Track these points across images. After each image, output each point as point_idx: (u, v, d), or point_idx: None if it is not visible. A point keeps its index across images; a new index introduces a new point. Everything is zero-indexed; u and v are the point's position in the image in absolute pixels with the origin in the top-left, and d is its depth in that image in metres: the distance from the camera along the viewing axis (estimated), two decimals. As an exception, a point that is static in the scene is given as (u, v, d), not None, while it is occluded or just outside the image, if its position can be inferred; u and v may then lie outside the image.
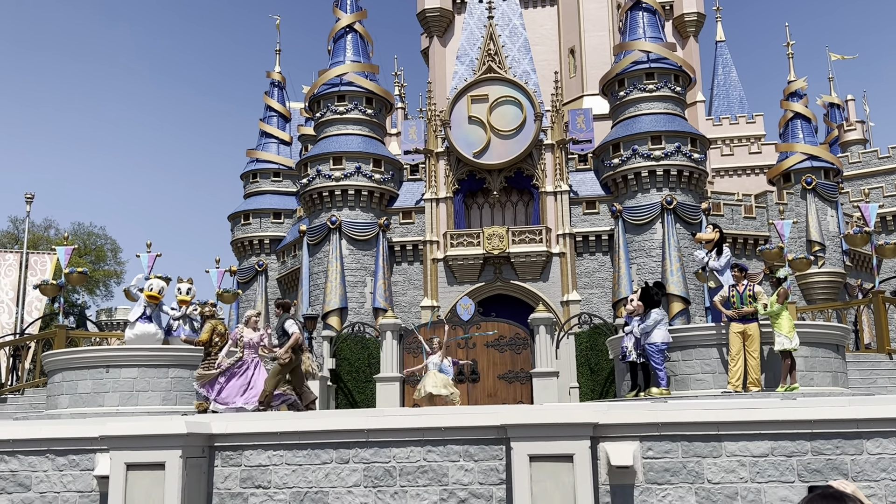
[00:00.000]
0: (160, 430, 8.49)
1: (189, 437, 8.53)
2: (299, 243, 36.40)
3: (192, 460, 8.58)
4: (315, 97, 36.21)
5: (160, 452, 8.37)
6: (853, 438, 8.39)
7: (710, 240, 14.59)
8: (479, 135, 34.21)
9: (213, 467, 9.01)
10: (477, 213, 35.52)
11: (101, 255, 52.10)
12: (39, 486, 9.21)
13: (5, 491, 9.26)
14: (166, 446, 8.40)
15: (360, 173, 34.41)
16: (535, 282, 33.43)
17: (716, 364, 13.47)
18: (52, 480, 9.20)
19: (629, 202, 33.31)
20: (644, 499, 8.49)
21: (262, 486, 8.91)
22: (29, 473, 9.25)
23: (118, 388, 13.80)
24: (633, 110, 34.03)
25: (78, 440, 9.22)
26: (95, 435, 8.94)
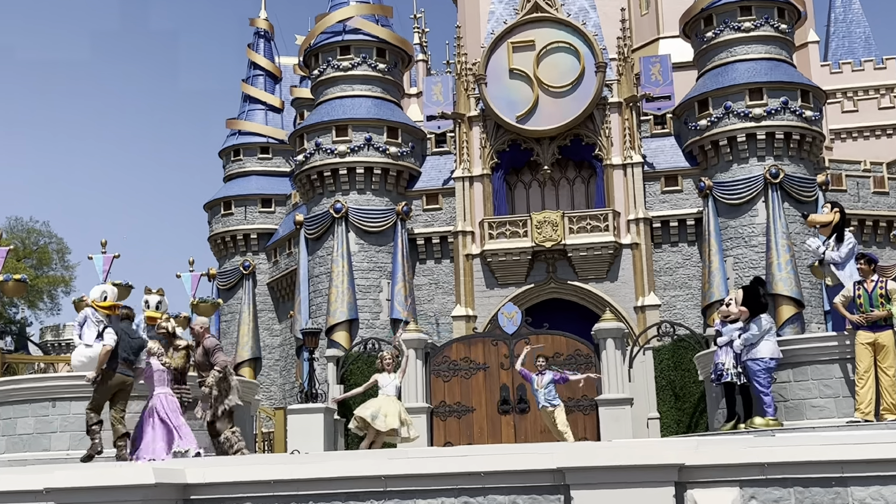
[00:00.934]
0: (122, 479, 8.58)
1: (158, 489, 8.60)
2: (295, 238, 36.59)
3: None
4: (311, 50, 36.34)
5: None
6: None
7: (827, 223, 14.35)
8: (523, 92, 34.12)
9: (190, 526, 9.09)
10: (523, 194, 35.44)
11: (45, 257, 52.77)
12: (-29, 552, 9.35)
13: (-72, 559, 9.42)
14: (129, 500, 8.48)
15: (370, 146, 34.50)
16: (600, 282, 33.29)
17: (839, 386, 13.29)
18: (-13, 545, 9.34)
19: (722, 176, 33.04)
20: (746, 562, 8.42)
21: (251, 550, 8.98)
22: (-43, 537, 9.40)
23: (68, 426, 13.88)
24: (725, 56, 33.73)
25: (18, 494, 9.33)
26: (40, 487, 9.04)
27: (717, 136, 33.02)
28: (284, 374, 38.10)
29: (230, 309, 39.74)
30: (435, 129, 36.09)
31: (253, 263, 40.10)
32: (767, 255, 31.70)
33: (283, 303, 39.28)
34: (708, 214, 32.89)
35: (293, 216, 36.99)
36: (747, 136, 32.67)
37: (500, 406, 22.90)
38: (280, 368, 38.74)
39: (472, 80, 35.07)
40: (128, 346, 12.23)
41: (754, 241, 32.28)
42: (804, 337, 14.34)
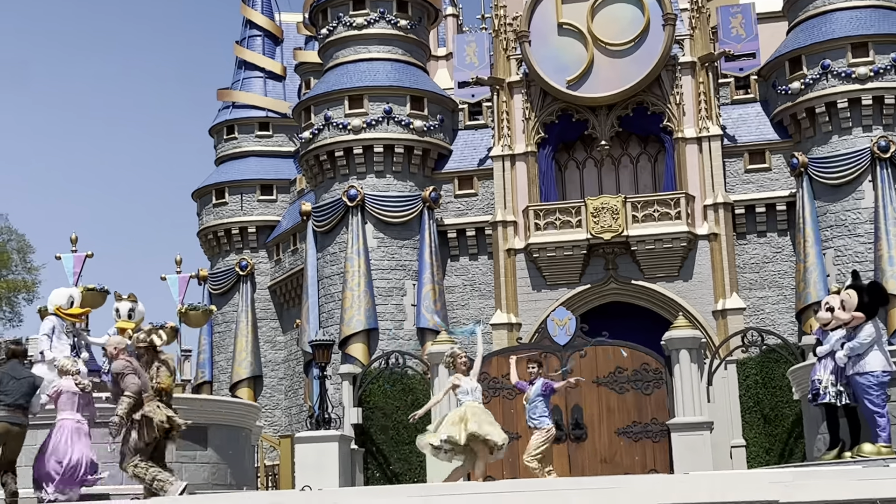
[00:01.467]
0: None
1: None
2: (301, 231, 36.74)
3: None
4: (319, 4, 36.49)
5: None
6: None
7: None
8: (576, 52, 34.06)
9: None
10: (576, 176, 35.41)
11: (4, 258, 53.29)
12: None
13: None
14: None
15: (391, 119, 34.57)
16: (672, 281, 33.19)
17: (968, 404, 13.20)
18: None
19: (819, 150, 32.85)
20: None
21: None
22: None
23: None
24: (822, 3, 33.51)
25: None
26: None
27: (814, 102, 32.80)
28: (290, 395, 38.28)
29: (224, 318, 39.97)
30: (468, 97, 36.09)
31: (251, 263, 40.31)
32: (876, 245, 31.43)
33: (287, 309, 39.45)
34: (802, 198, 32.65)
35: (298, 205, 37.12)
36: (850, 102, 32.43)
37: (549, 431, 22.88)
38: (285, 388, 38.92)
39: (512, 38, 35.02)
40: (13, 390, 12.14)
41: (860, 230, 32.03)
42: (924, 346, 14.21)
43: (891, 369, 13.22)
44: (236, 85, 42.96)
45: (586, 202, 33.47)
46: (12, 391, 12.07)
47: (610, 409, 22.88)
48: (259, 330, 39.63)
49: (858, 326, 13.30)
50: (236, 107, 42.53)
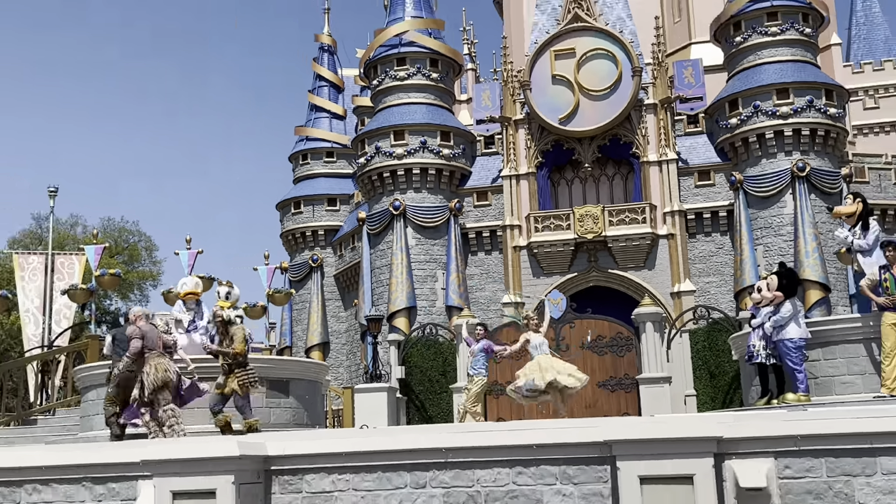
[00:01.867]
0: (210, 452, 8.70)
1: (243, 461, 8.71)
2: (358, 233, 36.80)
3: (246, 486, 8.77)
4: (371, 62, 36.50)
5: (210, 478, 8.56)
6: None
7: (852, 213, 14.15)
8: (565, 97, 33.99)
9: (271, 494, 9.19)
10: (566, 190, 35.32)
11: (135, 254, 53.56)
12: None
13: (39, 524, 9.64)
14: (217, 471, 8.59)
15: (425, 149, 34.59)
16: (639, 270, 33.08)
17: (865, 363, 13.07)
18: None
19: (751, 170, 32.62)
20: (782, 527, 8.32)
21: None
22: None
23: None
24: (754, 59, 33.28)
25: (117, 466, 9.51)
26: (137, 460, 9.20)
27: (747, 134, 32.60)
28: (350, 356, 38.38)
29: (301, 298, 40.08)
30: (484, 132, 36.09)
31: (321, 257, 40.41)
32: (795, 243, 31.26)
33: (348, 292, 39.55)
34: (739, 206, 32.48)
35: (356, 214, 37.19)
36: (775, 133, 32.22)
37: (548, 385, 22.84)
38: (346, 352, 39.03)
39: (517, 86, 34.99)
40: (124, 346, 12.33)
41: (783, 231, 31.84)
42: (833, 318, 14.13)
43: (806, 336, 13.16)
44: (309, 123, 43.11)
45: (573, 210, 33.44)
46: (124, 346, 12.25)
47: (592, 368, 22.80)
48: (326, 307, 39.74)
49: (780, 304, 13.26)
50: (309, 140, 42.68)
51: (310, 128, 42.80)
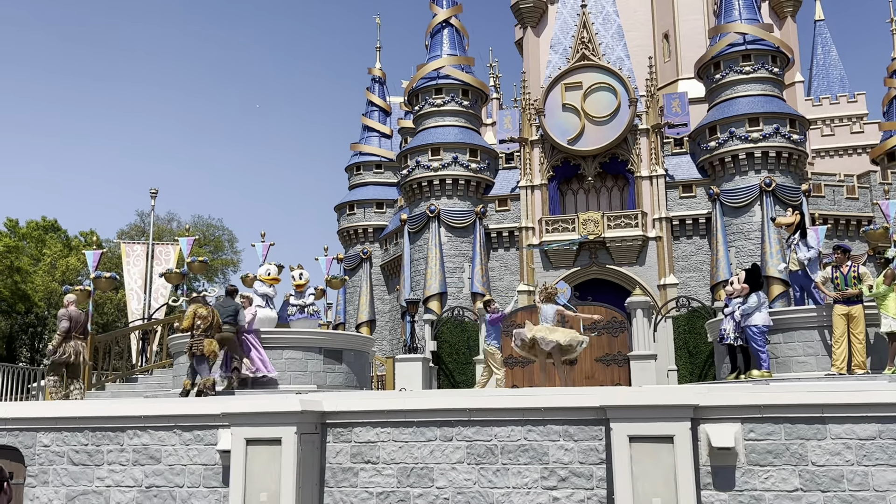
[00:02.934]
0: (277, 407, 8.78)
1: (303, 415, 8.79)
2: (400, 231, 36.85)
3: (306, 436, 8.84)
4: (414, 91, 36.50)
5: (277, 429, 8.66)
6: (968, 423, 7.91)
7: (791, 223, 14.02)
8: (573, 122, 33.81)
9: (326, 443, 9.26)
10: (572, 199, 35.14)
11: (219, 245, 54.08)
12: (168, 458, 9.68)
13: (139, 463, 9.78)
14: (283, 423, 8.68)
15: (457, 163, 34.55)
16: (632, 266, 32.86)
17: (818, 346, 12.92)
18: (180, 454, 9.65)
19: (727, 185, 32.28)
20: (746, 480, 8.25)
21: (370, 461, 9.11)
22: (159, 447, 9.74)
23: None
24: (730, 93, 32.90)
25: (202, 416, 9.63)
26: (217, 412, 9.32)
27: (724, 154, 32.24)
28: (392, 332, 38.46)
29: (353, 284, 40.22)
30: (505, 150, 35.97)
31: (370, 250, 40.49)
32: (762, 246, 30.90)
33: (391, 279, 39.64)
34: (716, 215, 32.15)
35: (399, 215, 37.25)
36: (747, 155, 31.84)
37: (554, 359, 22.76)
38: (389, 328, 39.12)
39: (533, 112, 34.85)
40: (224, 313, 12.64)
41: (752, 236, 31.47)
42: (793, 308, 13.93)
43: (769, 323, 13.02)
44: (362, 140, 43.16)
45: (578, 215, 33.25)
46: (223, 313, 12.54)
47: (591, 345, 22.64)
48: (374, 292, 39.81)
49: (747, 295, 13.14)
50: (362, 154, 42.75)
51: (363, 144, 42.87)
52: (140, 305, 24.44)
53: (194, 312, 12.29)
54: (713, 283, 31.27)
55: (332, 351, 14.15)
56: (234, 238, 55.44)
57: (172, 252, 25.35)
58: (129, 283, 24.71)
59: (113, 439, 9.94)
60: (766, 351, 12.92)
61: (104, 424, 9.95)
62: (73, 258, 43.82)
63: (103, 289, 18.89)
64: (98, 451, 9.92)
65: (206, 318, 12.14)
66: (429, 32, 37.09)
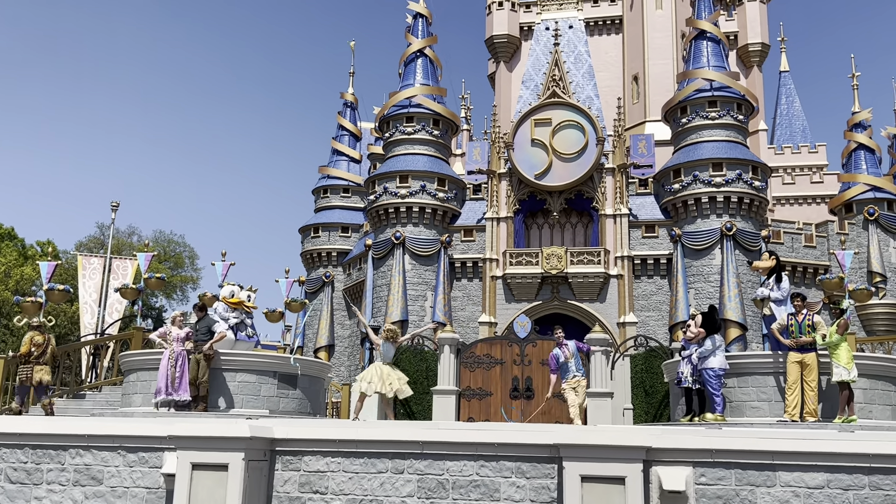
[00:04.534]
0: (225, 432, 8.58)
1: (252, 441, 8.59)
2: (365, 257, 36.68)
3: (253, 463, 8.64)
4: (385, 118, 36.56)
5: (224, 454, 8.45)
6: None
7: (767, 267, 14.16)
8: (541, 157, 34.08)
9: (274, 471, 9.05)
10: (536, 233, 35.32)
11: (180, 261, 53.36)
12: (111, 480, 9.38)
13: (79, 483, 9.46)
14: (230, 448, 8.47)
15: (424, 191, 34.57)
16: (592, 302, 33.01)
17: (772, 392, 13.02)
18: (123, 476, 9.36)
19: (689, 227, 32.70)
20: (695, 525, 8.21)
21: (319, 491, 8.92)
22: (101, 468, 9.44)
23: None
24: (695, 137, 33.46)
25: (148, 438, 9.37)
26: (164, 434, 9.07)
27: (687, 197, 32.70)
28: (351, 358, 38.10)
29: (314, 307, 39.84)
30: (473, 181, 36.12)
31: (332, 274, 40.20)
32: (721, 288, 31.27)
33: (353, 305, 39.36)
34: (677, 256, 32.52)
35: (364, 241, 37.09)
36: (709, 199, 32.33)
37: (512, 392, 22.70)
38: (348, 354, 38.75)
39: (503, 146, 35.08)
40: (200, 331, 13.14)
41: (712, 278, 31.85)
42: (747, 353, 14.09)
43: (725, 367, 13.11)
44: (331, 164, 42.98)
45: (542, 250, 33.40)
46: (200, 331, 13.06)
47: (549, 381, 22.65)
48: (334, 316, 39.51)
49: (704, 339, 13.24)
50: (330, 178, 42.53)
51: (331, 168, 42.71)
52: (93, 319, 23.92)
53: (31, 339, 12.42)
54: (671, 323, 31.51)
55: (286, 376, 13.93)
56: (195, 255, 54.79)
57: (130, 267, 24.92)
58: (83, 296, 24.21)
59: (54, 458, 9.62)
60: (721, 394, 12.99)
61: (45, 442, 9.63)
62: (28, 268, 42.85)
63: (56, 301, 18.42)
64: (38, 469, 9.59)
65: (40, 346, 12.24)
66: (403, 61, 37.27)
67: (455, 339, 23.47)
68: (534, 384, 22.65)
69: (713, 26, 34.78)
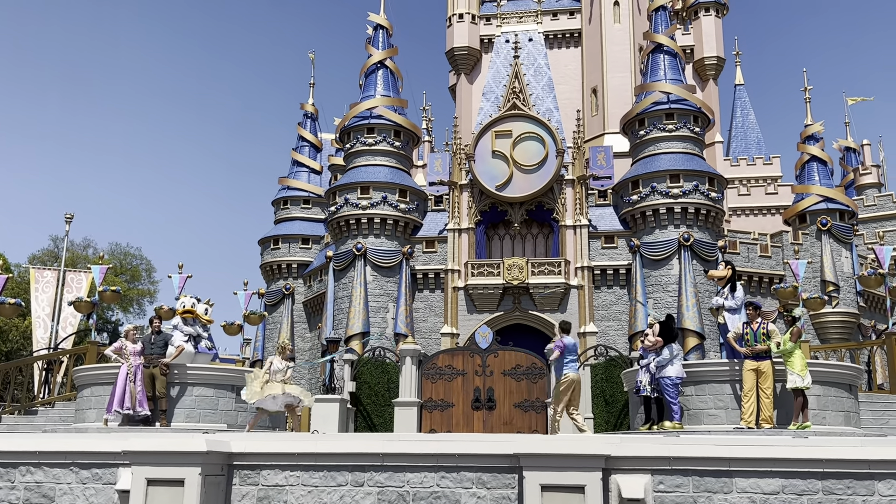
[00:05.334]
0: (180, 447, 8.44)
1: (209, 455, 8.46)
2: (325, 268, 36.44)
3: (210, 478, 8.51)
4: (346, 129, 36.46)
5: (180, 469, 8.31)
6: (865, 479, 8.16)
7: (723, 277, 14.40)
8: (501, 169, 34.26)
9: (231, 485, 8.92)
10: (498, 244, 35.45)
11: (136, 274, 52.54)
12: (62, 498, 9.16)
13: (30, 501, 9.22)
14: (186, 463, 8.34)
15: (386, 203, 34.51)
16: (553, 313, 33.19)
17: (729, 400, 13.22)
18: (75, 493, 9.15)
19: (647, 238, 33.09)
20: (654, 532, 8.28)
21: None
22: (53, 485, 9.22)
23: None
24: (653, 149, 33.92)
25: (101, 454, 9.18)
26: (118, 450, 8.90)
27: (645, 208, 33.11)
28: (312, 371, 37.76)
29: (273, 320, 39.47)
30: (435, 192, 36.14)
31: (293, 286, 39.86)
32: (679, 298, 31.67)
33: (313, 317, 39.06)
34: (635, 266, 32.88)
35: (325, 252, 36.85)
36: (667, 210, 32.77)
37: (474, 403, 22.72)
38: (309, 367, 38.43)
39: (464, 157, 35.20)
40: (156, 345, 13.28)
41: (670, 288, 32.26)
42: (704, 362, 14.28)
43: (682, 375, 13.28)
44: (291, 175, 42.70)
45: (503, 261, 33.51)
46: (156, 345, 13.06)
47: (511, 391, 22.78)
48: (294, 328, 39.16)
49: (661, 347, 13.40)
50: (290, 189, 42.22)
51: (291, 179, 42.43)
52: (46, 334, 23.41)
53: None
54: (631, 332, 31.81)
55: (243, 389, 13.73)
56: (151, 268, 54.01)
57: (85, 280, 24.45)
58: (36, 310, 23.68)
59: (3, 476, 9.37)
60: (679, 403, 13.15)
61: (-6, 460, 9.37)
62: (-22, 281, 41.73)
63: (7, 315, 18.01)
64: (-15, 488, 9.32)
65: None
66: (363, 72, 37.25)
67: (417, 351, 23.42)
68: (495, 394, 22.69)
69: (670, 40, 35.38)
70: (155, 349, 12.97)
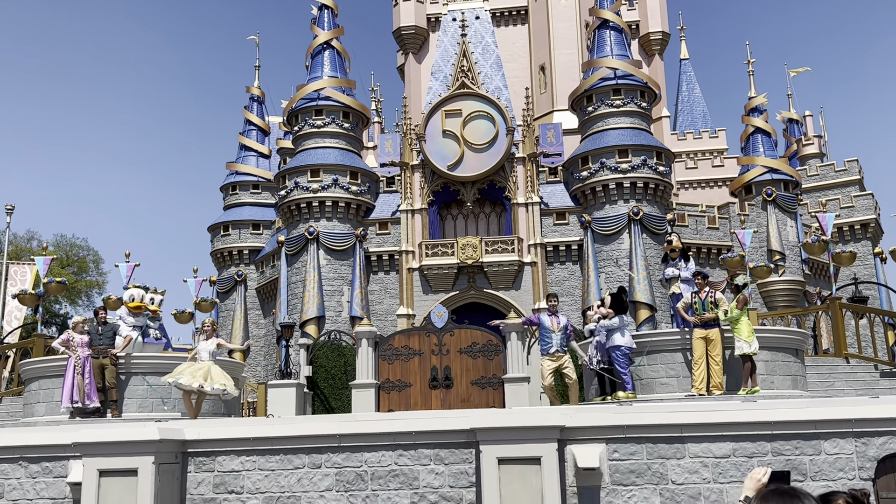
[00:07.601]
0: (133, 436, 8.30)
1: (162, 444, 8.34)
2: (278, 254, 36.09)
3: (164, 466, 8.39)
4: (293, 111, 36.01)
5: (133, 459, 8.18)
6: (811, 439, 8.40)
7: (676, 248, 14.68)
8: (452, 148, 34.21)
9: (187, 473, 8.82)
10: (451, 223, 35.47)
11: (84, 266, 51.38)
12: (12, 493, 8.96)
13: (-22, 499, 9.00)
14: (139, 452, 8.21)
15: (337, 185, 34.24)
16: (508, 290, 33.40)
17: (680, 368, 13.48)
18: (25, 488, 8.95)
19: (597, 213, 33.43)
20: (610, 500, 8.43)
21: (234, 491, 8.74)
22: (1, 481, 9.00)
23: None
24: (601, 125, 34.19)
25: (51, 447, 8.99)
26: (69, 442, 8.72)
27: (595, 184, 33.41)
28: (268, 357, 37.49)
29: (226, 307, 39.01)
30: (386, 173, 35.94)
31: (245, 273, 39.42)
32: (630, 271, 32.11)
33: (267, 303, 38.70)
34: (587, 242, 33.21)
35: (277, 237, 36.49)
36: (616, 185, 33.12)
37: (431, 382, 22.78)
38: (264, 353, 38.11)
39: (414, 137, 35.05)
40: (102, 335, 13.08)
41: (621, 262, 32.68)
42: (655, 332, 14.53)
43: (631, 345, 13.50)
44: (239, 160, 42.09)
45: (457, 240, 33.55)
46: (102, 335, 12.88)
47: (468, 368, 22.88)
48: (248, 315, 38.77)
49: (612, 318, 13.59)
50: (238, 174, 41.63)
51: (239, 164, 41.81)
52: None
53: None
54: (584, 307, 32.01)
55: (198, 376, 13.54)
56: (99, 259, 52.84)
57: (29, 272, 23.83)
58: (-22, 304, 22.99)
59: (-52, 475, 9.11)
60: (629, 372, 13.37)
61: (-62, 458, 9.11)
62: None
63: (-53, 311, 17.44)
64: (-70, 487, 9.06)
65: None
66: (309, 53, 36.76)
67: (373, 333, 23.37)
68: (452, 373, 22.79)
69: (615, 15, 35.60)
70: (103, 340, 12.73)
